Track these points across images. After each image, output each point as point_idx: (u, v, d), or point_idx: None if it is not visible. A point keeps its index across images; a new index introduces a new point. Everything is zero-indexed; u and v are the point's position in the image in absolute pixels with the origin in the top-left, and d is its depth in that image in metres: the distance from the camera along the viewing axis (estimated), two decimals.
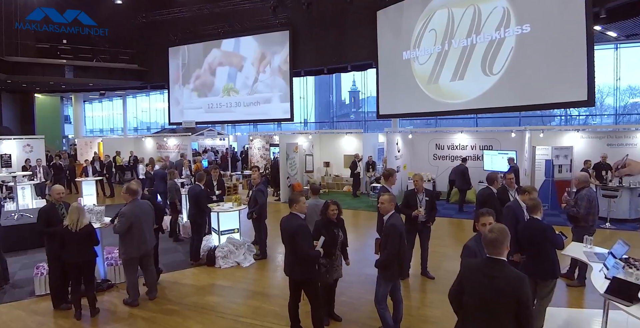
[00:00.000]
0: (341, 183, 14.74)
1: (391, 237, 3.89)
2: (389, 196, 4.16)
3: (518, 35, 11.94)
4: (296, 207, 4.09)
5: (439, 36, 14.07)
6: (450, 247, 7.77)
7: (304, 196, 5.35)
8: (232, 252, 6.65)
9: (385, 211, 4.09)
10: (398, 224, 3.95)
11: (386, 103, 16.17)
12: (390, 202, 4.10)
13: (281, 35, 18.73)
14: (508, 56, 12.23)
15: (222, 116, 20.88)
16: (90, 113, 33.81)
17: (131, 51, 22.22)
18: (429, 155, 13.55)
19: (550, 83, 11.37)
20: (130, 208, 5.01)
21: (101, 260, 5.90)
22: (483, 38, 12.80)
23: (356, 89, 47.57)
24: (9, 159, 14.77)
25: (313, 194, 5.50)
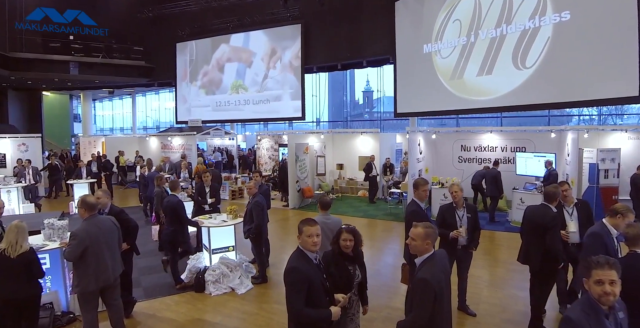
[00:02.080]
0: (356, 188, 13.52)
1: (421, 295, 2.58)
2: (424, 229, 2.75)
3: (555, 23, 10.65)
4: (301, 238, 2.91)
5: (464, 27, 12.84)
6: (485, 268, 6.50)
7: None
8: (225, 275, 5.50)
9: (418, 251, 2.79)
10: (434, 279, 2.57)
11: (404, 101, 14.98)
12: (427, 238, 2.73)
13: (292, 29, 17.64)
14: (543, 47, 10.96)
15: (230, 115, 19.88)
16: (100, 112, 33.22)
17: (138, 48, 21.44)
18: (453, 157, 12.25)
19: (593, 77, 10.09)
20: (84, 227, 3.89)
21: (62, 289, 4.83)
22: (515, 28, 11.53)
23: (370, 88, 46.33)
24: (3, 158, 13.95)
25: (322, 209, 4.32)
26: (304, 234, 2.80)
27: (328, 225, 4.06)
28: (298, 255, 2.81)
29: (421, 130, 11.35)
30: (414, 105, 14.67)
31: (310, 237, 2.79)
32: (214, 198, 7.13)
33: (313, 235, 2.79)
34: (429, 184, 4.50)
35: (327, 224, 4.07)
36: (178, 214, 5.47)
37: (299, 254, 2.82)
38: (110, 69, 21.00)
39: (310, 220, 2.89)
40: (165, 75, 21.69)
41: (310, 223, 2.83)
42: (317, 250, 2.86)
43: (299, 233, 2.86)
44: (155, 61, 21.68)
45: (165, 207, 5.64)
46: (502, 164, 10.90)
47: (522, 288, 5.37)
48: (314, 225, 2.82)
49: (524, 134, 11.49)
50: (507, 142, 11.64)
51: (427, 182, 4.46)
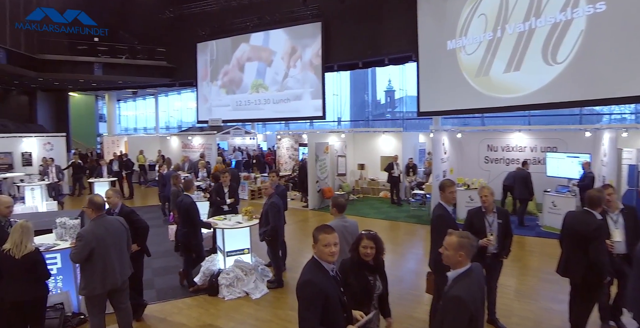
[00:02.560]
0: (377, 188, 13.15)
1: (454, 315, 2.25)
2: (458, 239, 2.44)
3: (589, 15, 10.06)
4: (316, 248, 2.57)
5: (490, 21, 12.34)
6: (515, 277, 6.05)
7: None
8: (239, 278, 5.28)
9: (450, 263, 2.48)
10: (470, 298, 2.24)
11: (428, 99, 14.55)
12: (460, 248, 2.41)
13: (313, 27, 17.42)
14: (576, 41, 10.38)
15: (251, 114, 19.82)
16: (125, 112, 33.81)
17: (161, 49, 21.68)
18: (479, 157, 11.77)
19: (630, 72, 9.47)
20: (91, 228, 3.73)
21: (73, 289, 4.70)
22: (544, 21, 10.98)
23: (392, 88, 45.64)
24: (29, 157, 14.19)
25: (338, 212, 4.02)
26: (320, 243, 2.48)
27: (348, 229, 3.78)
28: (313, 267, 2.50)
29: (445, 129, 10.90)
30: (438, 104, 14.22)
31: (327, 247, 2.46)
32: (232, 198, 6.92)
33: (330, 244, 2.47)
34: (455, 186, 4.15)
35: (346, 228, 3.78)
36: (190, 215, 5.27)
37: (314, 265, 2.50)
38: (133, 69, 21.30)
39: (327, 227, 2.56)
40: (186, 75, 21.84)
41: (327, 231, 2.51)
42: (334, 261, 2.55)
43: (314, 241, 2.54)
44: (176, 61, 21.86)
45: (177, 207, 5.46)
46: (531, 164, 10.37)
47: (557, 300, 4.96)
48: (331, 233, 2.50)
49: (555, 133, 10.92)
50: (537, 142, 11.10)
51: (453, 183, 4.11)
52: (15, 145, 14.11)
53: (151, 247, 7.58)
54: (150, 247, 7.56)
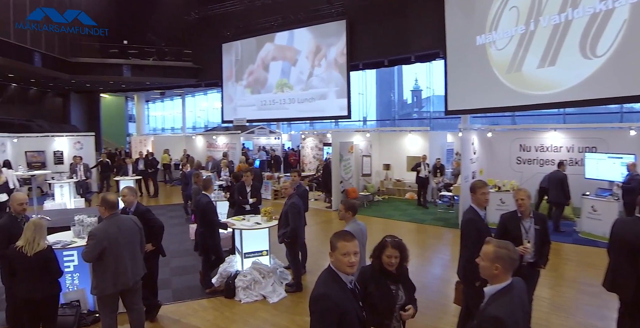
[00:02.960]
0: (403, 189, 12.78)
1: None
2: (494, 249, 2.15)
3: (634, 3, 9.36)
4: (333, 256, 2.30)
5: (523, 14, 11.76)
6: (552, 288, 5.58)
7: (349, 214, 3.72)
8: (257, 281, 5.10)
9: (487, 276, 2.20)
10: (510, 319, 1.96)
11: (456, 97, 14.04)
12: (496, 260, 2.12)
13: (337, 26, 17.18)
14: (618, 32, 9.68)
15: (275, 113, 19.73)
16: (153, 112, 34.53)
17: (187, 51, 22.00)
18: (511, 158, 11.23)
19: None
20: (103, 227, 3.62)
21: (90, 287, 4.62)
22: (582, 11, 10.33)
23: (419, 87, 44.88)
24: (61, 155, 14.59)
25: (352, 215, 3.77)
26: (339, 251, 2.20)
27: (364, 233, 3.54)
28: (329, 278, 2.23)
29: (475, 128, 10.44)
30: (467, 102, 13.70)
31: (346, 256, 2.18)
32: (255, 198, 6.75)
33: (350, 253, 2.18)
34: (487, 187, 3.82)
35: (362, 232, 3.55)
36: (206, 215, 5.12)
37: (331, 276, 2.24)
38: (160, 70, 21.70)
39: (346, 234, 2.27)
40: (211, 76, 22.03)
41: (347, 238, 2.22)
42: (353, 273, 2.26)
43: (331, 249, 2.27)
44: (202, 62, 22.11)
45: (195, 207, 5.33)
46: (567, 166, 9.79)
47: (600, 317, 4.53)
48: (351, 241, 2.22)
49: (594, 132, 10.28)
50: (574, 141, 10.48)
51: (485, 184, 3.78)
52: (48, 144, 14.54)
53: (172, 246, 7.60)
54: (171, 246, 7.59)
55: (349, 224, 3.73)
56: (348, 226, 3.67)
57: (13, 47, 16.80)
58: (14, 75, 20.35)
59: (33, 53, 18.04)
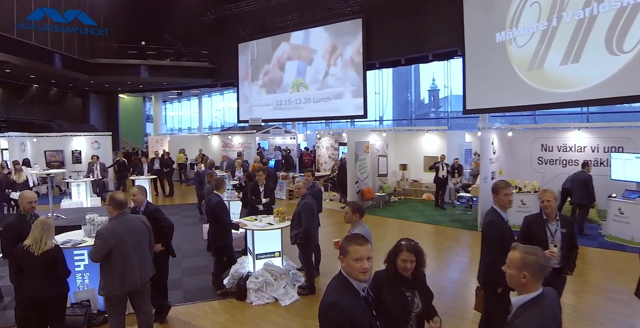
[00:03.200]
0: (420, 190, 12.52)
1: None
2: (522, 255, 1.97)
3: None
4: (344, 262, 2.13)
5: (545, 10, 11.42)
6: (577, 295, 5.26)
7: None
8: (268, 283, 4.98)
9: (514, 285, 2.01)
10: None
11: (475, 96, 13.75)
12: (524, 267, 1.93)
13: (353, 24, 17.02)
14: None
15: (291, 113, 19.66)
16: (171, 113, 34.88)
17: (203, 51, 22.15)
18: (532, 158, 10.85)
19: None
20: (110, 226, 3.54)
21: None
22: (609, 6, 9.95)
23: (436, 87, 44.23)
24: (79, 155, 14.77)
25: (360, 218, 3.62)
26: (350, 256, 2.02)
27: (370, 236, 3.40)
28: (340, 286, 2.05)
29: (495, 127, 10.12)
30: (485, 101, 13.39)
31: (358, 261, 2.00)
32: (268, 198, 6.63)
33: (363, 258, 2.01)
34: (511, 187, 3.60)
35: (368, 236, 3.40)
36: (217, 215, 5.02)
37: (342, 284, 2.06)
38: (177, 71, 21.89)
39: (358, 237, 2.10)
40: (228, 76, 22.12)
41: (359, 242, 2.05)
42: (366, 280, 2.08)
43: (341, 253, 2.09)
44: (218, 62, 22.22)
45: (206, 206, 5.24)
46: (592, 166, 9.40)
47: (629, 326, 4.26)
48: (364, 245, 2.04)
49: (621, 131, 9.84)
50: (599, 141, 10.05)
51: (508, 185, 3.57)
52: (66, 144, 14.74)
53: (185, 246, 7.55)
54: (184, 246, 7.54)
55: (355, 227, 3.58)
56: (355, 229, 3.52)
57: (34, 48, 17.13)
58: (35, 77, 20.78)
59: (53, 54, 18.38)
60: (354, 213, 3.60)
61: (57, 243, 3.65)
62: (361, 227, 3.57)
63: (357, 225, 3.62)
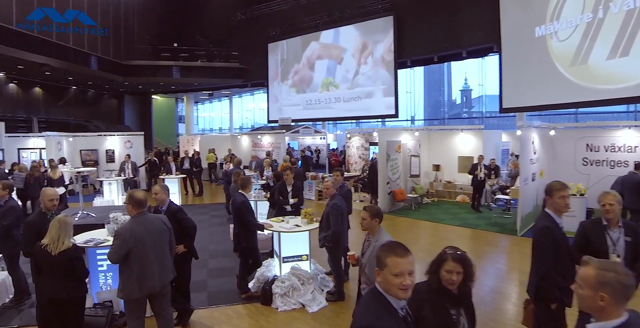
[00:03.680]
0: (454, 192, 12.00)
1: None
2: (596, 272, 1.60)
3: None
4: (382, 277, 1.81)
5: (589, 1, 10.71)
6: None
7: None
8: (295, 288, 4.73)
9: (588, 308, 1.65)
10: None
11: (512, 94, 13.09)
12: (600, 287, 1.57)
13: (384, 22, 16.61)
14: None
15: (321, 113, 19.42)
16: (202, 113, 35.40)
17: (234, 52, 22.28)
18: (576, 158, 10.15)
19: None
20: (129, 226, 3.37)
21: None
22: None
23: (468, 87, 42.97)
24: (112, 154, 15.07)
25: (379, 223, 3.28)
26: (389, 270, 1.72)
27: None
28: (376, 304, 1.74)
29: (536, 125, 9.51)
30: (523, 99, 12.71)
31: (398, 277, 1.70)
32: (296, 198, 6.37)
33: (404, 273, 1.70)
34: (567, 189, 3.19)
35: None
36: (242, 216, 4.80)
37: (378, 301, 1.75)
38: (208, 71, 22.11)
39: (398, 247, 1.79)
40: (258, 76, 22.14)
41: (399, 252, 1.75)
42: (407, 297, 1.77)
43: (378, 266, 1.78)
44: (248, 62, 22.28)
45: (231, 206, 5.04)
46: None
47: None
48: (406, 256, 1.74)
49: None
50: None
51: (565, 186, 3.15)
52: (100, 143, 15.07)
53: (211, 246, 7.42)
54: (210, 246, 7.41)
55: (375, 236, 3.23)
56: (377, 238, 3.19)
57: (71, 50, 17.67)
58: (73, 79, 21.48)
59: (90, 56, 18.93)
60: (373, 218, 3.24)
61: (76, 242, 3.53)
62: (383, 234, 3.24)
63: (378, 232, 3.26)
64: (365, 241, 3.38)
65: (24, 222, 3.98)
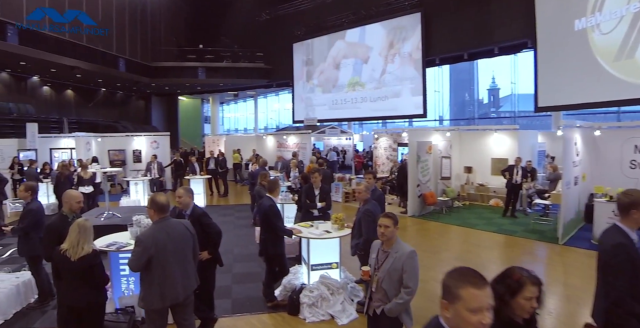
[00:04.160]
0: (487, 195, 11.46)
1: None
2: None
3: None
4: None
5: None
6: None
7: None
8: (324, 298, 4.44)
9: None
10: None
11: (548, 92, 12.49)
12: None
13: (411, 19, 16.19)
14: None
15: (347, 113, 19.16)
16: (227, 114, 35.60)
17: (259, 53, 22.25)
18: (622, 161, 9.44)
19: None
20: (151, 232, 3.16)
21: None
22: None
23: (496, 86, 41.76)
24: (139, 154, 15.19)
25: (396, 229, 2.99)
26: (465, 305, 1.39)
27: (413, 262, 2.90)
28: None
29: (578, 125, 8.91)
30: (561, 97, 12.09)
31: (476, 314, 1.38)
32: (324, 202, 6.04)
33: (483, 309, 1.39)
34: None
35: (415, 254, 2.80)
36: (269, 220, 4.54)
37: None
38: (233, 72, 22.16)
39: (474, 276, 1.45)
40: (283, 76, 22.04)
41: (478, 284, 1.41)
42: None
43: (447, 298, 1.45)
44: (273, 62, 22.20)
45: (257, 211, 4.80)
46: None
47: None
48: (484, 288, 1.41)
49: None
50: None
51: None
52: (128, 143, 15.21)
53: (236, 249, 7.22)
54: (235, 249, 7.21)
55: (394, 245, 2.94)
56: (394, 248, 2.91)
57: (99, 53, 17.97)
58: (103, 81, 21.90)
59: (118, 59, 19.22)
60: (396, 226, 2.97)
61: (96, 247, 3.34)
62: (403, 244, 2.97)
63: (396, 241, 2.99)
64: (379, 252, 3.05)
65: (45, 226, 3.85)
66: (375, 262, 3.04)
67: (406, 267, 2.84)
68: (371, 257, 3.13)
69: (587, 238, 7.76)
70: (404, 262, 2.85)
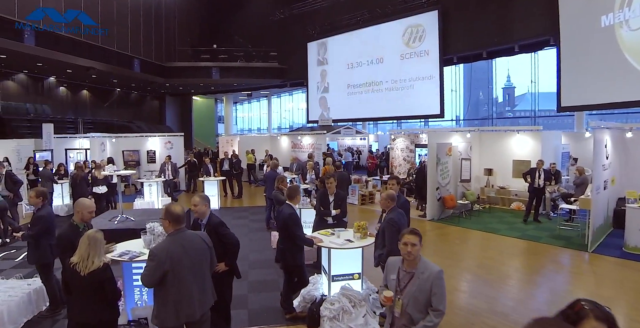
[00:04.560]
0: (508, 198, 11.08)
1: None
2: None
3: None
4: None
5: None
6: None
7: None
8: (346, 311, 4.20)
9: None
10: None
11: (571, 91, 12.02)
12: None
13: (428, 17, 15.82)
14: None
15: (362, 113, 18.85)
16: (241, 114, 35.60)
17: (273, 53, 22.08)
18: None
19: None
20: (165, 246, 2.96)
21: None
22: None
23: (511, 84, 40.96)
24: (153, 154, 15.15)
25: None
26: None
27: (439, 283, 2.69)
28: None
29: (609, 126, 8.49)
30: (586, 97, 11.63)
31: None
32: (339, 209, 5.68)
33: None
34: None
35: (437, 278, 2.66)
36: (288, 229, 4.31)
37: None
38: (247, 71, 22.05)
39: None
40: (296, 75, 21.85)
41: None
42: None
43: None
44: (287, 62, 22.02)
45: (276, 219, 4.57)
46: None
47: None
48: None
49: None
50: None
51: None
52: (142, 144, 15.18)
53: (252, 255, 7.00)
54: (251, 255, 6.99)
55: (419, 265, 2.70)
56: (420, 268, 2.68)
57: (114, 54, 18.00)
58: (117, 81, 22.00)
59: (133, 59, 19.25)
60: (419, 240, 2.70)
61: (107, 260, 3.15)
62: (428, 263, 2.73)
63: (421, 260, 2.74)
64: (399, 272, 2.76)
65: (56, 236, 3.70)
66: (397, 283, 2.75)
67: (435, 289, 2.60)
68: (390, 277, 2.82)
69: (617, 245, 7.37)
70: (432, 283, 2.61)
